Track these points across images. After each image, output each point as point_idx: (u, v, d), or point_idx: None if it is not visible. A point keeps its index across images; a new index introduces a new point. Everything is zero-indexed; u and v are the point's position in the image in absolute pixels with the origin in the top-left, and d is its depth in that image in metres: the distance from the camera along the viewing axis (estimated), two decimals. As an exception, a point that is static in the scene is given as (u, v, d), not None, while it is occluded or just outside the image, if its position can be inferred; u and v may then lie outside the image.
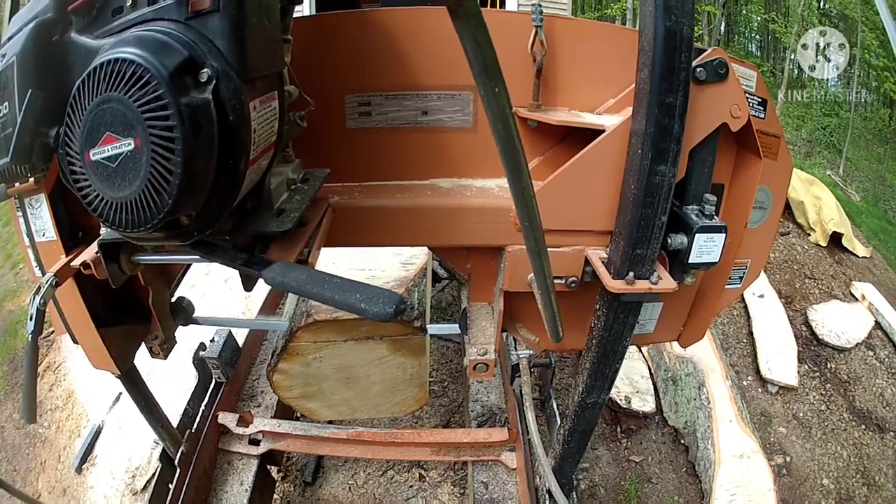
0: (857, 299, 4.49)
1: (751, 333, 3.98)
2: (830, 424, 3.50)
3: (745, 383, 3.64)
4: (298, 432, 2.10)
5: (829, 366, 3.88)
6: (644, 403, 3.26)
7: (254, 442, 2.13)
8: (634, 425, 3.25)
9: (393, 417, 2.40)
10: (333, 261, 1.85)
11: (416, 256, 1.97)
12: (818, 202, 5.33)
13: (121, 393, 3.13)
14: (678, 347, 3.34)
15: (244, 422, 2.14)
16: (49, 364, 3.73)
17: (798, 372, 3.69)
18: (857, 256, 5.16)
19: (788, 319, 4.08)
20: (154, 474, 1.94)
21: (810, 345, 4.03)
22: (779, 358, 3.73)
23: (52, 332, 3.84)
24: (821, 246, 5.11)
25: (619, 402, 3.24)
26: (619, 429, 3.24)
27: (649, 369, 3.55)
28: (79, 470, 2.92)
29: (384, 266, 1.90)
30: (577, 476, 2.83)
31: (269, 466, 2.32)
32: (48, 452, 3.16)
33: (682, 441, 3.17)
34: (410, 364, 1.76)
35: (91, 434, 3.00)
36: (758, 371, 3.70)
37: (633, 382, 3.40)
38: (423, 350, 1.73)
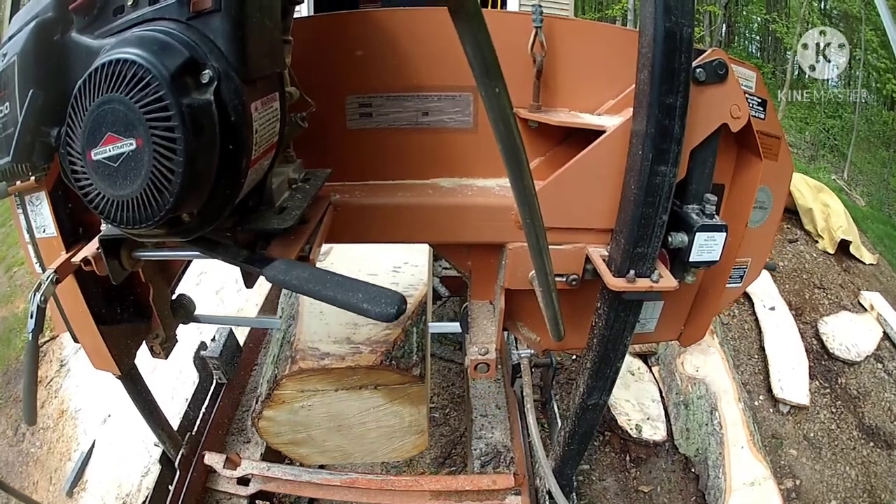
0: (865, 309, 4.45)
1: (762, 349, 3.90)
2: (840, 444, 3.45)
3: (756, 403, 3.58)
4: (289, 477, 1.95)
5: (839, 381, 3.83)
6: (655, 432, 3.15)
7: (243, 481, 2.02)
8: (644, 454, 3.14)
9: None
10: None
11: (415, 286, 1.81)
12: (826, 209, 5.28)
13: (109, 415, 3.09)
14: (690, 368, 3.30)
15: (231, 464, 2.01)
16: (41, 378, 3.67)
17: (809, 389, 3.64)
18: (864, 264, 5.11)
19: (799, 332, 4.02)
20: (144, 502, 1.91)
21: (821, 359, 3.97)
22: (791, 375, 3.66)
23: (46, 342, 3.81)
24: (828, 253, 5.06)
25: (629, 431, 3.13)
26: (627, 458, 3.13)
27: (660, 391, 3.43)
28: (70, 494, 2.88)
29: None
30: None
31: (261, 501, 2.18)
32: (40, 473, 3.12)
33: (693, 469, 3.08)
34: (409, 412, 1.62)
35: (81, 458, 2.96)
36: (769, 390, 3.63)
37: (643, 408, 3.29)
38: (423, 398, 1.59)
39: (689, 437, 3.14)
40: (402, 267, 1.97)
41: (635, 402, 3.32)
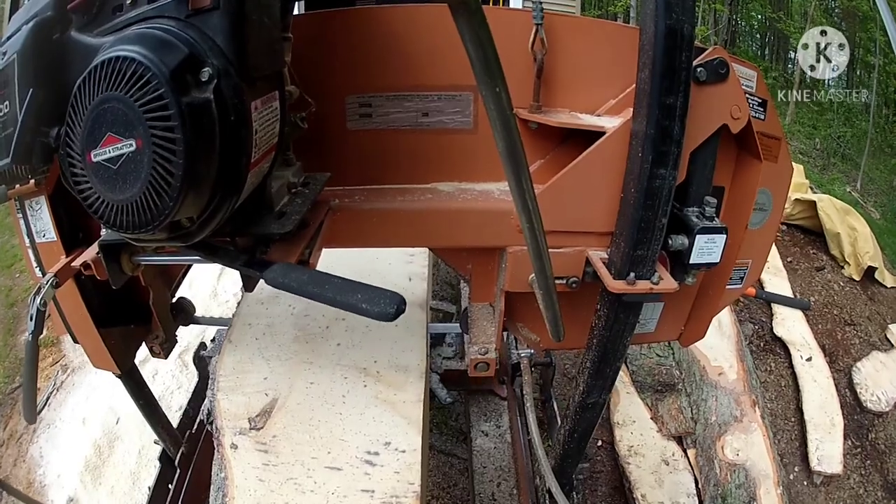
0: (893, 345, 4.35)
1: (799, 409, 3.75)
2: (865, 510, 3.38)
3: (791, 477, 3.42)
4: None
5: (869, 437, 3.74)
6: (690, 538, 2.86)
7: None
8: (676, 559, 2.87)
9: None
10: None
11: (400, 499, 1.16)
12: (853, 233, 5.08)
13: (72, 499, 3.03)
14: (730, 452, 3.04)
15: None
16: (12, 432, 3.53)
17: (843, 449, 3.53)
18: (886, 288, 4.97)
19: (835, 384, 3.88)
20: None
21: (854, 413, 3.86)
22: (826, 439, 3.52)
23: (16, 389, 3.70)
24: (854, 280, 4.93)
25: (665, 542, 2.78)
26: (659, 564, 2.87)
27: (696, 482, 3.16)
28: None
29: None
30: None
31: None
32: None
33: (727, 572, 2.86)
34: None
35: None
36: (804, 457, 3.50)
37: (678, 508, 2.99)
38: None
39: (725, 535, 2.86)
40: (379, 454, 1.24)
41: (670, 501, 3.02)
